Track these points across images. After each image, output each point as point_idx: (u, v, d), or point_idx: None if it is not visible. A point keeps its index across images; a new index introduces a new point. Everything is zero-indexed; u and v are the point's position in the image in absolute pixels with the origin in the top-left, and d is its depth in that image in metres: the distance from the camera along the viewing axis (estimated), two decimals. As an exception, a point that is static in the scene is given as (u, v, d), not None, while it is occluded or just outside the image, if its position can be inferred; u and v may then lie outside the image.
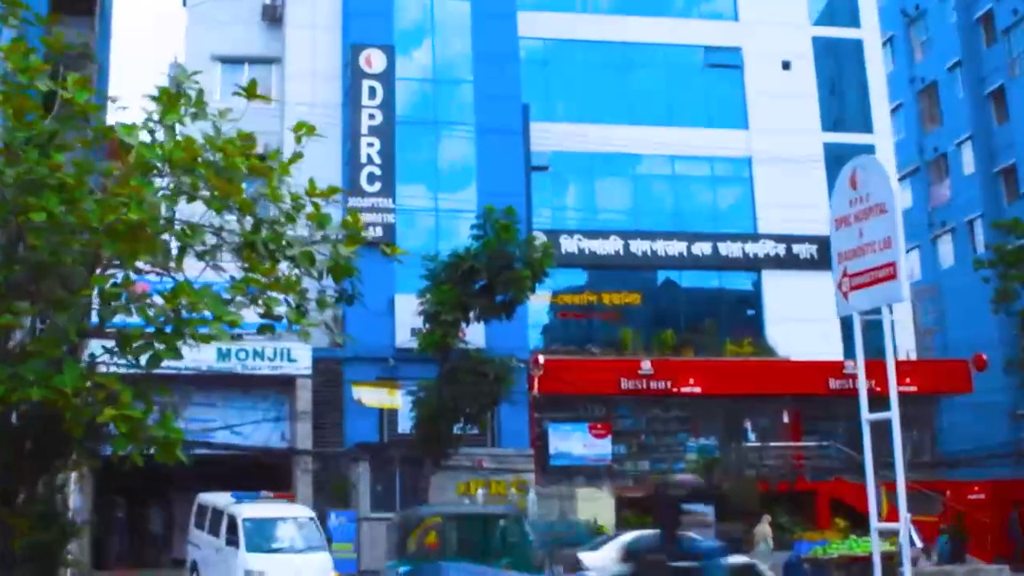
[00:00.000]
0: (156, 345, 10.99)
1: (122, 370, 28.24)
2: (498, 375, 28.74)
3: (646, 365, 35.10)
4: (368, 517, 31.62)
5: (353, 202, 34.18)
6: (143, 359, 11.32)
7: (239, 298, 11.84)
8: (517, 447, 33.56)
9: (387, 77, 35.19)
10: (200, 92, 11.97)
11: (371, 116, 34.85)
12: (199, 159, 11.47)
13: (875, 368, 37.18)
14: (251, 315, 12.21)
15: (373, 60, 35.21)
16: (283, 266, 12.40)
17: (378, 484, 32.44)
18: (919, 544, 29.79)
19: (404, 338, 32.51)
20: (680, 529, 17.95)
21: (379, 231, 34.15)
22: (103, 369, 11.74)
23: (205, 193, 11.24)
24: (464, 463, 32.13)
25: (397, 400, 31.01)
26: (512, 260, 28.09)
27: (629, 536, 28.00)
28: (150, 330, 10.99)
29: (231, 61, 37.07)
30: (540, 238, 33.33)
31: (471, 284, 28.52)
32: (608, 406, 35.89)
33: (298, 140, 13.36)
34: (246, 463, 33.33)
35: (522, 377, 33.15)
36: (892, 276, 14.02)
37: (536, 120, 37.09)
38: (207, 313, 11.21)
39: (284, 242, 12.32)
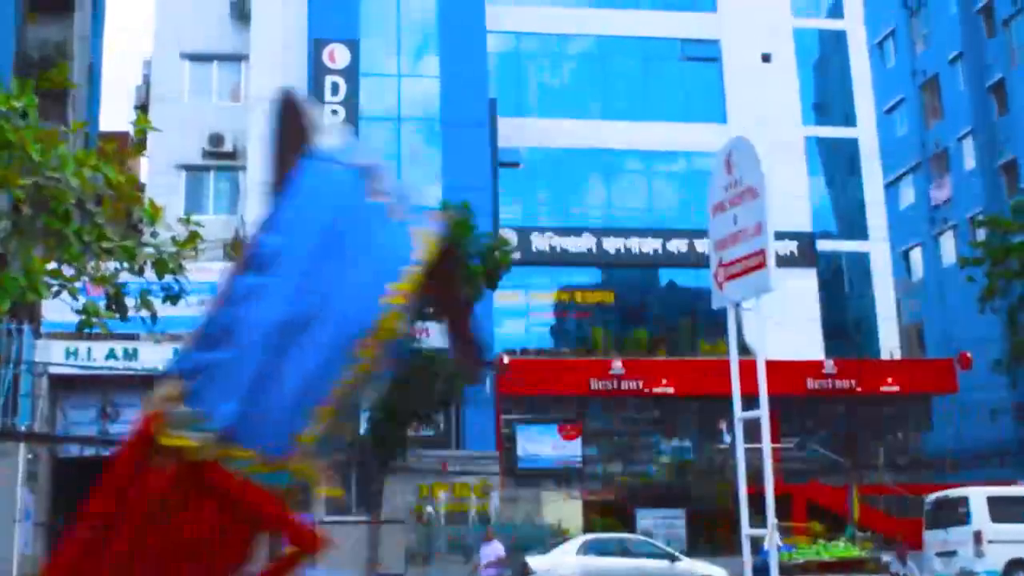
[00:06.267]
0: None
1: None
2: (450, 376, 28.07)
3: (617, 365, 34.27)
4: (324, 520, 31.01)
5: (315, 200, 33.62)
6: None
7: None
8: (483, 449, 32.80)
9: (351, 72, 34.63)
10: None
11: (334, 112, 34.26)
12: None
13: (858, 368, 36.38)
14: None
15: (336, 55, 34.66)
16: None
17: (335, 487, 31.86)
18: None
19: (366, 338, 31.88)
20: None
21: (341, 229, 33.55)
22: None
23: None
24: (427, 466, 31.51)
25: (342, 401, 30.32)
26: (466, 257, 27.45)
27: (582, 539, 27.39)
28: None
29: (199, 59, 36.55)
30: (508, 235, 32.75)
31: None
32: (578, 407, 35.06)
33: (138, 133, 12.56)
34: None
35: (485, 377, 32.48)
36: (762, 264, 13.15)
37: (508, 115, 36.34)
38: None
39: (99, 234, 11.62)
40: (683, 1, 39.57)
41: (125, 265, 11.90)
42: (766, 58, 39.04)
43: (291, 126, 3.45)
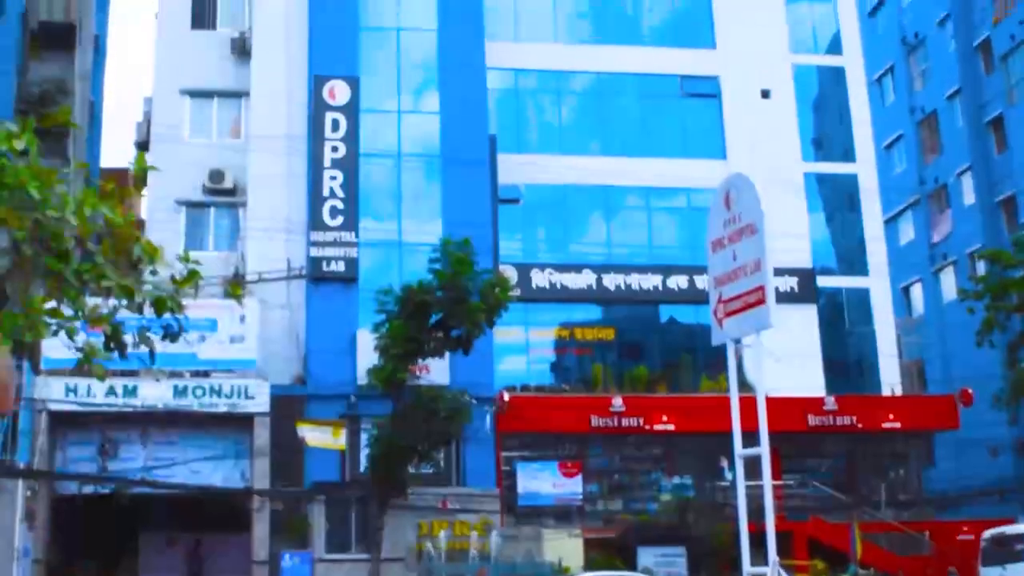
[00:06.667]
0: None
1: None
2: (449, 413, 28.06)
3: (617, 402, 34.17)
4: (323, 558, 30.90)
5: (315, 236, 33.72)
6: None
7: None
8: (483, 486, 32.69)
9: (351, 109, 34.70)
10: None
11: (334, 149, 34.36)
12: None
13: (859, 404, 36.22)
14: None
15: (336, 92, 34.74)
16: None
17: (334, 525, 31.74)
18: None
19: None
20: None
21: (341, 265, 33.59)
22: None
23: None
24: (428, 503, 31.40)
25: (342, 440, 30.27)
26: (466, 293, 27.49)
27: (585, 577, 27.29)
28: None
29: (200, 95, 36.59)
30: (509, 272, 32.80)
31: (425, 318, 27.93)
32: (579, 444, 34.95)
33: (137, 174, 12.60)
34: (210, 502, 32.79)
35: (485, 414, 32.46)
36: (761, 301, 13.20)
37: (508, 152, 36.38)
38: None
39: (98, 273, 11.56)
40: (683, 37, 39.69)
41: (124, 303, 11.84)
42: (765, 94, 39.08)
43: None
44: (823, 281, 38.50)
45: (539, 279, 36.05)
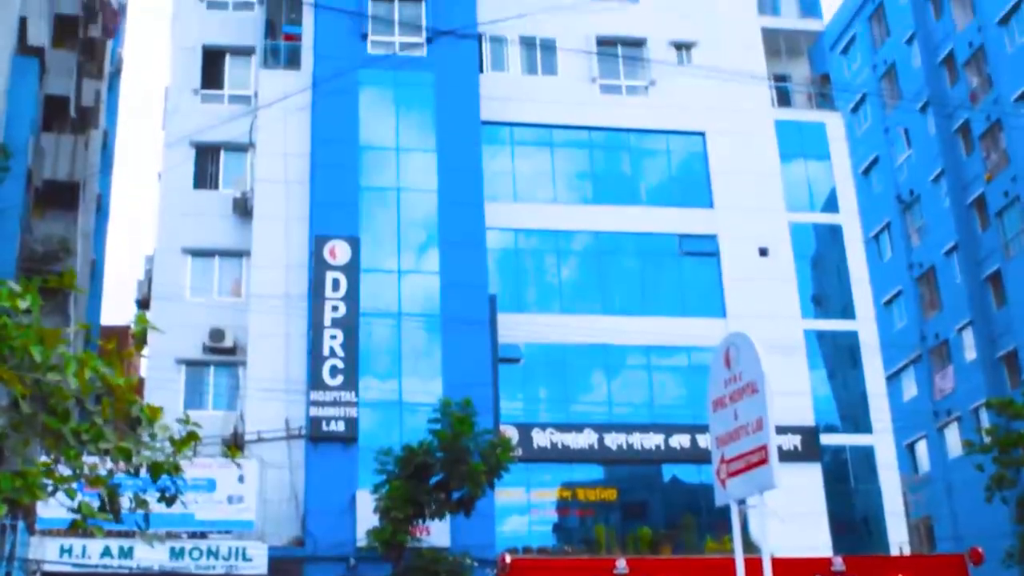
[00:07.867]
0: None
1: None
2: (452, 573, 27.70)
3: (621, 564, 33.47)
4: None
5: (315, 396, 33.60)
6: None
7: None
8: (486, 652, 31.97)
9: (351, 268, 34.96)
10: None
11: (334, 308, 34.50)
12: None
13: (868, 565, 35.52)
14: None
15: (337, 251, 35.05)
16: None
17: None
18: None
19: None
20: None
21: (341, 425, 33.41)
22: None
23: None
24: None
25: (340, 603, 29.80)
26: (467, 454, 27.46)
27: None
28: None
29: (201, 254, 36.89)
30: (510, 432, 32.71)
31: (426, 479, 27.83)
32: (583, 607, 34.24)
33: (137, 334, 12.70)
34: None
35: (484, 577, 31.95)
36: (764, 460, 13.05)
37: (508, 311, 36.52)
38: None
39: (97, 434, 11.53)
40: (680, 197, 40.09)
41: (121, 465, 11.79)
42: (763, 252, 39.34)
43: None
44: (826, 439, 38.21)
45: (540, 439, 35.81)
